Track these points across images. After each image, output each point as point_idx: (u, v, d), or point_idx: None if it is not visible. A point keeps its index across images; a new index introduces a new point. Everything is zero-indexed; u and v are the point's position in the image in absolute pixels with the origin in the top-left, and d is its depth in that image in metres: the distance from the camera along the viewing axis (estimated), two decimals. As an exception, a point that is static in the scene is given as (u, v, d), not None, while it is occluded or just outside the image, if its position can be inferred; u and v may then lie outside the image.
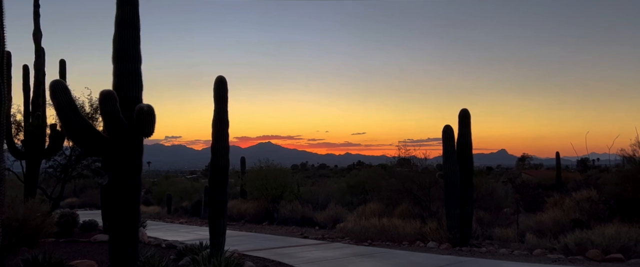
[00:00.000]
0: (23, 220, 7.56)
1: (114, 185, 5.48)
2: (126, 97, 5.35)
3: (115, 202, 5.45)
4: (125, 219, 5.42)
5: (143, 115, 5.12)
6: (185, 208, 24.79)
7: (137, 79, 5.52)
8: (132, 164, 5.45)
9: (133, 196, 5.51)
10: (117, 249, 5.53)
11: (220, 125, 8.89)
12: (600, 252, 10.27)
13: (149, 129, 5.24)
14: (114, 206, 5.48)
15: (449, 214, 12.26)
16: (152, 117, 5.19)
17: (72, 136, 5.21)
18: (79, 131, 5.08)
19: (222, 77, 8.97)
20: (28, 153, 13.30)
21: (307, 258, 10.27)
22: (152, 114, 5.19)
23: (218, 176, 8.69)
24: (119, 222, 5.50)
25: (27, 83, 13.78)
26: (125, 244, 5.57)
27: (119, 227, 5.49)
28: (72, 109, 5.01)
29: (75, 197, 30.36)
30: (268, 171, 21.37)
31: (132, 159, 5.43)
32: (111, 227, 5.64)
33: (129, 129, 5.23)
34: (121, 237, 5.48)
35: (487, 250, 11.57)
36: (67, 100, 4.98)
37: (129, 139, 5.32)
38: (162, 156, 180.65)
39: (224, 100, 8.92)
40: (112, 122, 5.10)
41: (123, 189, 5.46)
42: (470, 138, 12.59)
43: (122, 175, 5.44)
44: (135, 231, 5.58)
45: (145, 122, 5.18)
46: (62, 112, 5.00)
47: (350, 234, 13.89)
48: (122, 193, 5.45)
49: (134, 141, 5.39)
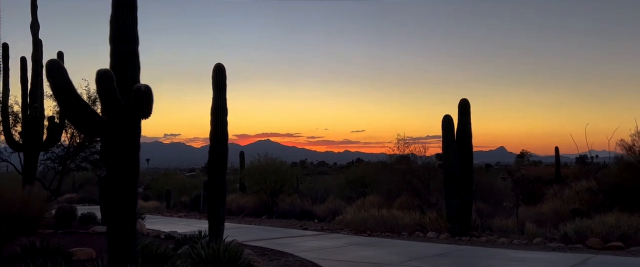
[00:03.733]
0: (21, 206, 7.51)
1: (111, 168, 5.43)
2: (123, 78, 5.29)
3: (113, 185, 5.41)
4: (123, 200, 5.38)
5: (140, 94, 5.07)
6: (184, 203, 24.74)
7: (134, 60, 5.46)
8: (129, 146, 5.40)
9: (131, 179, 5.46)
10: (115, 232, 5.49)
11: (219, 113, 8.86)
12: (600, 240, 10.26)
13: (146, 110, 5.18)
14: (111, 188, 5.43)
15: (449, 204, 12.24)
16: (149, 96, 5.14)
17: (68, 116, 5.15)
18: (76, 111, 5.03)
19: (220, 64, 8.93)
20: (26, 145, 13.24)
21: (306, 247, 10.25)
22: (150, 93, 5.13)
23: (217, 162, 8.66)
24: (117, 205, 5.46)
25: (24, 75, 13.70)
26: (123, 227, 5.52)
27: (117, 208, 5.44)
28: (68, 89, 4.96)
29: (74, 193, 30.26)
30: (267, 165, 21.30)
31: (130, 141, 5.38)
32: (109, 211, 5.60)
33: (127, 110, 5.18)
34: (119, 220, 5.43)
35: (486, 239, 11.56)
36: (63, 80, 4.93)
37: (127, 119, 5.27)
38: (161, 153, 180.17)
39: (222, 88, 8.88)
40: (109, 102, 5.05)
41: (120, 172, 5.42)
42: (470, 128, 12.56)
43: (119, 157, 5.39)
44: (133, 213, 5.54)
45: (143, 102, 5.12)
46: (58, 92, 4.95)
47: (349, 226, 13.87)
48: (120, 176, 5.40)
49: (132, 122, 5.33)
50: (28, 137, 13.17)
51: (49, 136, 13.51)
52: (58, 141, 13.91)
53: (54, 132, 13.58)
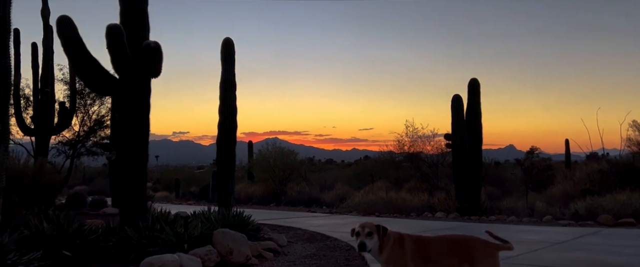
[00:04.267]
0: (34, 176, 7.61)
1: (122, 125, 5.48)
2: (133, 37, 5.33)
3: (124, 140, 5.45)
4: (134, 159, 5.42)
5: (150, 51, 5.10)
6: (193, 193, 24.84)
7: (143, 19, 5.49)
8: (139, 106, 5.44)
9: (141, 139, 5.50)
10: (126, 188, 5.53)
11: (228, 87, 8.92)
12: (611, 217, 10.15)
13: (156, 68, 5.21)
14: (122, 145, 5.48)
15: (458, 184, 12.18)
16: (159, 54, 5.17)
17: (79, 72, 5.20)
18: (86, 67, 5.08)
19: (229, 38, 8.99)
20: (37, 129, 13.40)
21: (315, 224, 10.27)
22: (160, 51, 5.16)
23: (226, 137, 8.71)
24: (129, 165, 5.51)
25: (35, 60, 13.84)
26: (134, 185, 5.57)
27: (128, 169, 5.49)
28: (78, 44, 5.00)
29: (84, 185, 30.51)
30: (276, 153, 21.38)
31: (140, 100, 5.41)
32: (120, 166, 5.64)
33: (137, 67, 5.22)
34: (131, 178, 5.48)
35: (496, 218, 11.50)
36: (73, 36, 4.97)
37: (137, 78, 5.30)
38: (170, 150, 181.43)
39: (231, 62, 8.94)
40: (119, 57, 5.08)
41: (131, 131, 5.46)
42: (479, 108, 12.45)
43: (130, 117, 5.43)
44: (144, 172, 5.58)
45: (152, 60, 5.15)
46: (69, 48, 5.00)
47: (357, 208, 13.86)
48: (131, 134, 5.45)
49: (142, 81, 5.37)
50: (39, 122, 13.33)
51: (59, 120, 13.66)
52: (69, 125, 14.05)
53: (65, 117, 13.73)
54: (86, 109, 14.74)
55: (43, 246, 4.69)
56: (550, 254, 6.30)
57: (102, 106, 14.99)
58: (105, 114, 14.94)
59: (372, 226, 3.17)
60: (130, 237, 5.29)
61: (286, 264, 5.81)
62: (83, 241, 5.26)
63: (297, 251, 6.75)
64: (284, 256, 6.30)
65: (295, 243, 7.50)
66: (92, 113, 14.93)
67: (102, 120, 14.92)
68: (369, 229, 3.13)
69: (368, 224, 3.18)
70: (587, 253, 6.32)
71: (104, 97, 14.81)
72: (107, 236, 5.51)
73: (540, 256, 6.10)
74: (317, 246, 7.13)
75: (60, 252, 4.86)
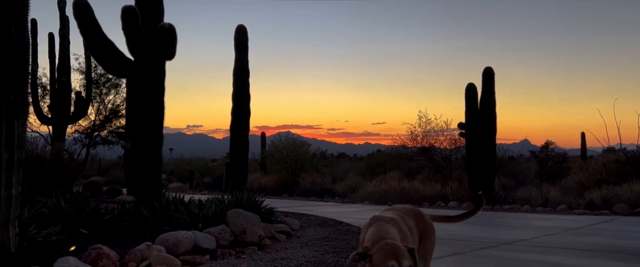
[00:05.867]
0: (51, 160, 7.76)
1: (137, 107, 5.56)
2: (148, 19, 5.39)
3: (139, 122, 5.53)
4: (149, 140, 5.50)
5: (165, 33, 5.16)
6: (206, 183, 25.07)
7: (158, 1, 5.55)
8: (154, 88, 5.51)
9: (156, 121, 5.58)
10: (141, 167, 5.62)
11: (241, 74, 8.97)
12: (627, 206, 10.02)
13: (171, 50, 5.28)
14: (137, 127, 5.56)
15: (471, 173, 12.11)
16: (174, 36, 5.23)
17: (95, 53, 5.28)
18: (102, 49, 5.16)
19: (242, 25, 9.03)
20: (54, 118, 13.65)
21: (327, 211, 10.32)
22: (174, 32, 5.22)
23: (239, 122, 8.78)
24: (144, 147, 5.58)
25: (52, 50, 14.10)
26: (149, 166, 5.65)
27: (143, 151, 5.57)
28: (94, 26, 5.08)
29: (100, 176, 30.97)
30: (288, 144, 21.50)
31: (155, 82, 5.49)
32: (135, 150, 5.73)
33: (151, 48, 5.28)
34: (145, 159, 5.56)
35: (509, 207, 11.43)
36: (90, 17, 5.05)
37: (152, 60, 5.37)
38: (184, 144, 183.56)
39: (244, 49, 8.99)
40: (135, 39, 5.15)
41: (146, 112, 5.54)
42: (494, 97, 12.32)
43: (144, 97, 5.51)
44: (159, 154, 5.66)
45: (167, 42, 5.21)
46: (85, 30, 5.08)
47: (369, 197, 13.87)
48: (146, 115, 5.52)
49: (157, 63, 5.44)
50: (56, 111, 13.57)
51: (76, 109, 13.90)
52: (85, 114, 14.30)
53: (81, 106, 13.97)
54: (102, 98, 14.98)
55: (61, 222, 4.80)
56: (563, 238, 6.27)
57: (118, 95, 15.21)
58: (120, 103, 15.16)
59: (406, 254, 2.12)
60: (145, 217, 5.38)
61: (299, 245, 5.86)
62: (99, 220, 5.37)
63: (310, 234, 6.80)
64: (296, 238, 6.36)
65: (307, 227, 7.56)
66: (107, 102, 15.16)
67: (117, 110, 15.14)
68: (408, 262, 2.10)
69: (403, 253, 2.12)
70: (599, 238, 6.28)
71: (119, 87, 15.00)
72: (123, 216, 5.62)
73: (552, 239, 6.08)
74: (329, 230, 7.18)
75: (77, 229, 4.97)
